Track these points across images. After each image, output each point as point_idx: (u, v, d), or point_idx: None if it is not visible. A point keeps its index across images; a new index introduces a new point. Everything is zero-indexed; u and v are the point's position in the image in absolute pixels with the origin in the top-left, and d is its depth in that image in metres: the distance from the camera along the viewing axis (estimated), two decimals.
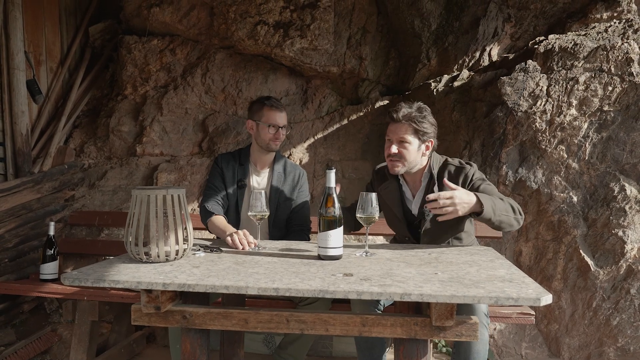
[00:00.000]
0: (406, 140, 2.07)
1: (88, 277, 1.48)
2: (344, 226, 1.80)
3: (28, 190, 3.19)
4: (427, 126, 2.08)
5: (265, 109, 2.38)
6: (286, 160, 2.55)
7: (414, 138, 2.08)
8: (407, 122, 2.07)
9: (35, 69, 3.55)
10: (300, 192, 2.51)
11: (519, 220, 1.95)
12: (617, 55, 2.91)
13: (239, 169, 2.45)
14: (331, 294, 1.34)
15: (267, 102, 2.39)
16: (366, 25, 3.94)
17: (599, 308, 2.81)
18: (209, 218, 2.29)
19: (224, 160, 2.47)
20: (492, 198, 1.89)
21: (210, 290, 1.39)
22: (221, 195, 2.41)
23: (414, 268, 1.60)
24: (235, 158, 2.48)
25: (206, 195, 2.41)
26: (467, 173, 2.09)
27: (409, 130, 2.07)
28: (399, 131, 2.08)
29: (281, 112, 2.40)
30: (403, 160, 2.09)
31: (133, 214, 1.69)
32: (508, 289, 1.34)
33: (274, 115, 2.37)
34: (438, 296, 1.29)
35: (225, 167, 2.44)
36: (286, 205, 2.47)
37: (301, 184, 2.52)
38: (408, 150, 2.08)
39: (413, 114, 2.07)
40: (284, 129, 2.41)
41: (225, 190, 2.42)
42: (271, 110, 2.37)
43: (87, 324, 2.59)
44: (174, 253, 1.71)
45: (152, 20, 3.82)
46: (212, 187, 2.42)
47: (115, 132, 3.84)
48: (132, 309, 1.57)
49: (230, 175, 2.43)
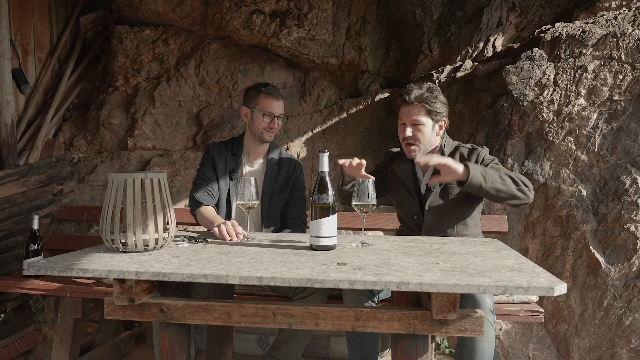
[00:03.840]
0: (420, 122, 2.05)
1: (55, 266, 1.35)
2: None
3: (12, 184, 3.06)
4: (439, 105, 2.06)
5: (261, 96, 2.26)
6: (281, 151, 2.43)
7: (427, 119, 2.06)
8: (419, 104, 2.05)
9: (22, 58, 3.43)
10: (295, 183, 2.39)
11: (525, 192, 1.91)
12: (627, 42, 2.77)
13: (232, 159, 2.33)
14: (320, 282, 1.20)
15: (263, 88, 2.28)
16: (366, 15, 3.81)
17: (611, 307, 2.66)
18: (198, 208, 2.16)
19: (215, 149, 2.35)
20: (485, 168, 1.89)
21: (187, 279, 1.26)
22: (211, 185, 2.28)
23: (414, 258, 1.46)
24: (227, 147, 2.36)
25: (196, 185, 2.29)
26: (480, 153, 2.08)
27: (422, 111, 2.05)
28: (412, 113, 2.06)
29: (278, 100, 2.28)
30: (418, 143, 2.07)
31: (109, 199, 1.56)
32: (517, 278, 1.20)
33: (270, 103, 2.25)
34: (439, 285, 1.15)
35: (217, 156, 2.32)
36: (280, 197, 2.35)
37: (297, 175, 2.39)
38: (422, 132, 2.06)
39: (425, 94, 2.05)
40: (279, 119, 2.28)
41: (216, 181, 2.30)
42: (267, 98, 2.25)
43: (69, 322, 2.46)
44: (153, 242, 1.57)
45: (145, 10, 3.70)
46: (203, 177, 2.29)
47: (106, 125, 3.72)
48: (105, 302, 1.44)
49: (222, 165, 2.31)
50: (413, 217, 2.16)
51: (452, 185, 2.06)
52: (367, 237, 1.87)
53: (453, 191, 2.07)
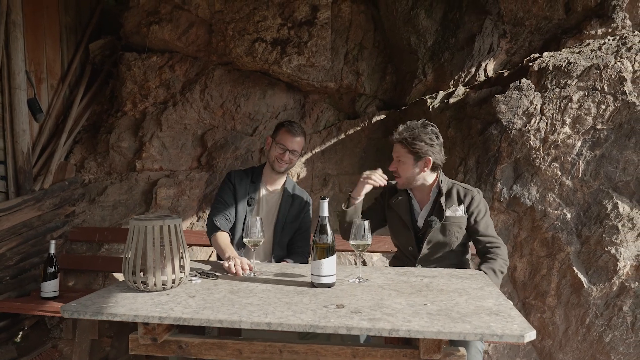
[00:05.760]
0: (401, 159, 2.27)
1: (87, 310, 1.53)
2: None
3: (29, 208, 3.24)
4: (421, 145, 2.22)
5: (282, 130, 2.48)
6: (295, 185, 2.63)
7: (407, 156, 2.25)
8: (399, 143, 2.27)
9: (36, 87, 3.60)
10: (305, 216, 2.60)
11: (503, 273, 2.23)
12: (610, 74, 2.94)
13: (251, 186, 2.51)
14: (322, 329, 1.38)
15: (286, 124, 2.50)
16: (363, 41, 3.98)
17: (592, 325, 2.84)
18: (215, 233, 2.34)
19: (237, 176, 2.53)
20: (497, 278, 2.16)
21: (205, 324, 1.44)
22: (229, 210, 2.46)
23: (405, 298, 1.64)
24: (247, 175, 2.55)
25: (215, 209, 2.46)
26: (475, 197, 2.28)
27: (402, 150, 2.26)
28: (395, 150, 2.30)
29: (294, 136, 2.46)
30: (400, 176, 2.29)
31: (131, 243, 1.74)
32: (494, 323, 1.37)
33: (286, 137, 2.45)
34: (425, 332, 1.33)
35: (238, 183, 2.50)
36: (291, 228, 2.56)
37: (307, 209, 2.62)
38: (402, 168, 2.27)
39: (404, 134, 2.25)
40: (293, 154, 2.47)
41: (235, 206, 2.47)
42: (286, 133, 2.46)
43: (87, 342, 2.64)
44: (170, 282, 1.75)
45: (152, 38, 3.87)
46: (222, 202, 2.47)
47: (115, 148, 3.89)
48: (129, 339, 1.61)
49: (242, 192, 2.49)
50: (408, 248, 2.34)
51: (450, 222, 2.25)
52: (363, 270, 2.05)
53: (452, 228, 2.25)
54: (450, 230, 2.25)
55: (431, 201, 2.32)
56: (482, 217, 2.27)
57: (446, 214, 2.24)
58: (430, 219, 2.25)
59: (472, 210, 2.26)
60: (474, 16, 3.70)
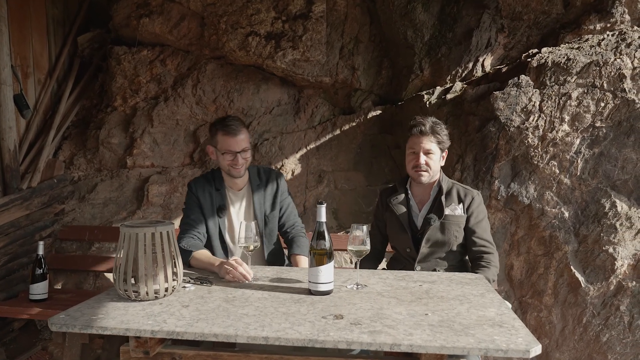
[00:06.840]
0: (431, 151, 2.23)
1: (75, 323, 1.47)
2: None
3: (16, 208, 3.15)
4: (446, 136, 2.28)
5: (219, 134, 2.18)
6: (258, 168, 2.39)
7: (436, 148, 2.25)
8: (432, 134, 2.23)
9: (22, 81, 3.49)
10: (282, 196, 2.39)
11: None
12: (609, 71, 2.90)
13: (216, 195, 2.27)
14: (321, 343, 1.33)
15: (219, 126, 2.18)
16: (359, 35, 3.90)
17: (589, 324, 2.83)
18: (190, 257, 2.11)
19: (199, 186, 2.27)
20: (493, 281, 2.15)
21: (200, 339, 1.38)
22: (199, 228, 2.23)
23: (405, 306, 1.59)
24: (210, 182, 2.29)
25: (182, 231, 2.22)
26: (475, 197, 2.27)
27: (433, 141, 2.24)
28: (425, 143, 2.23)
29: (236, 136, 2.16)
30: (429, 169, 2.24)
31: (121, 251, 1.67)
32: (498, 336, 1.33)
33: (227, 141, 2.16)
34: (428, 347, 1.28)
35: (202, 195, 2.26)
36: (273, 216, 2.37)
37: (281, 187, 2.39)
38: (433, 161, 2.24)
39: (435, 126, 2.24)
40: (244, 153, 2.19)
41: (204, 221, 2.24)
42: (225, 137, 2.16)
43: (77, 347, 2.59)
44: (163, 290, 1.69)
45: (142, 31, 3.77)
46: (188, 222, 2.23)
47: (105, 144, 3.80)
48: (121, 351, 1.56)
49: (208, 203, 2.25)
50: (406, 250, 2.31)
51: (449, 221, 2.23)
52: (361, 274, 2.01)
53: (451, 227, 2.23)
54: (449, 229, 2.23)
55: (431, 200, 2.30)
56: (481, 219, 2.26)
57: (445, 212, 2.23)
58: (429, 216, 2.24)
59: (471, 211, 2.25)
60: (472, 10, 3.64)
